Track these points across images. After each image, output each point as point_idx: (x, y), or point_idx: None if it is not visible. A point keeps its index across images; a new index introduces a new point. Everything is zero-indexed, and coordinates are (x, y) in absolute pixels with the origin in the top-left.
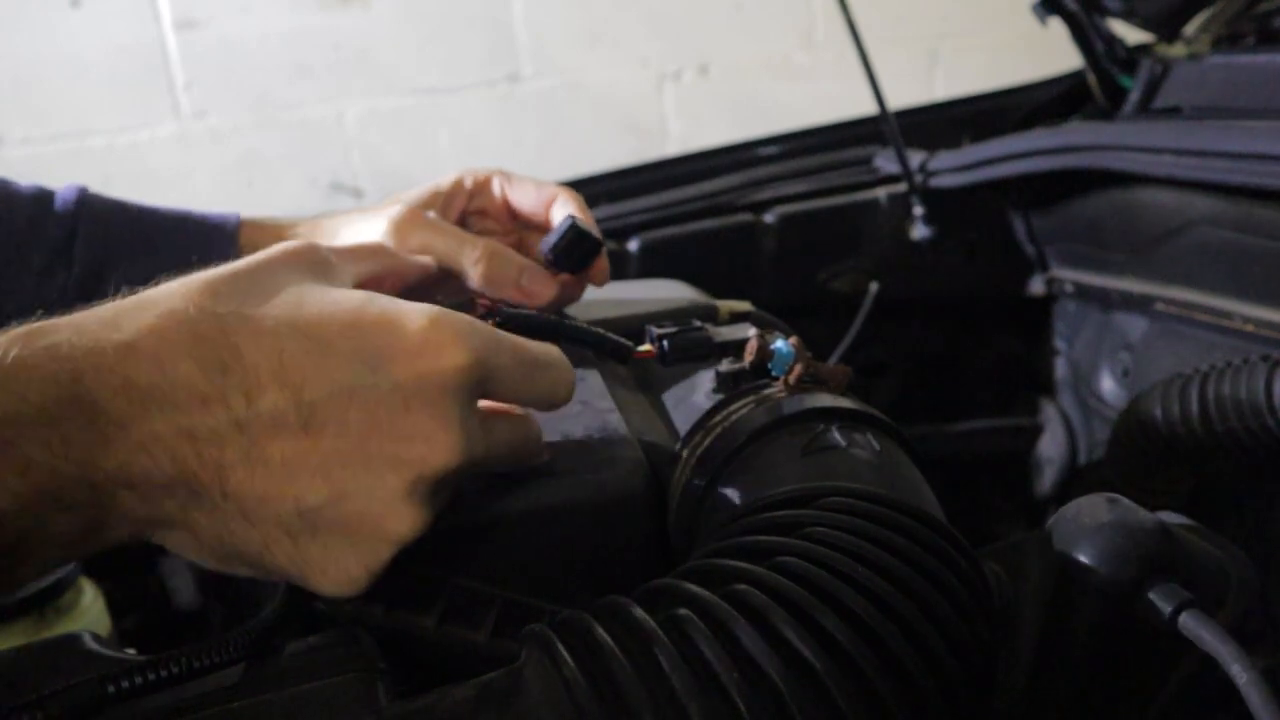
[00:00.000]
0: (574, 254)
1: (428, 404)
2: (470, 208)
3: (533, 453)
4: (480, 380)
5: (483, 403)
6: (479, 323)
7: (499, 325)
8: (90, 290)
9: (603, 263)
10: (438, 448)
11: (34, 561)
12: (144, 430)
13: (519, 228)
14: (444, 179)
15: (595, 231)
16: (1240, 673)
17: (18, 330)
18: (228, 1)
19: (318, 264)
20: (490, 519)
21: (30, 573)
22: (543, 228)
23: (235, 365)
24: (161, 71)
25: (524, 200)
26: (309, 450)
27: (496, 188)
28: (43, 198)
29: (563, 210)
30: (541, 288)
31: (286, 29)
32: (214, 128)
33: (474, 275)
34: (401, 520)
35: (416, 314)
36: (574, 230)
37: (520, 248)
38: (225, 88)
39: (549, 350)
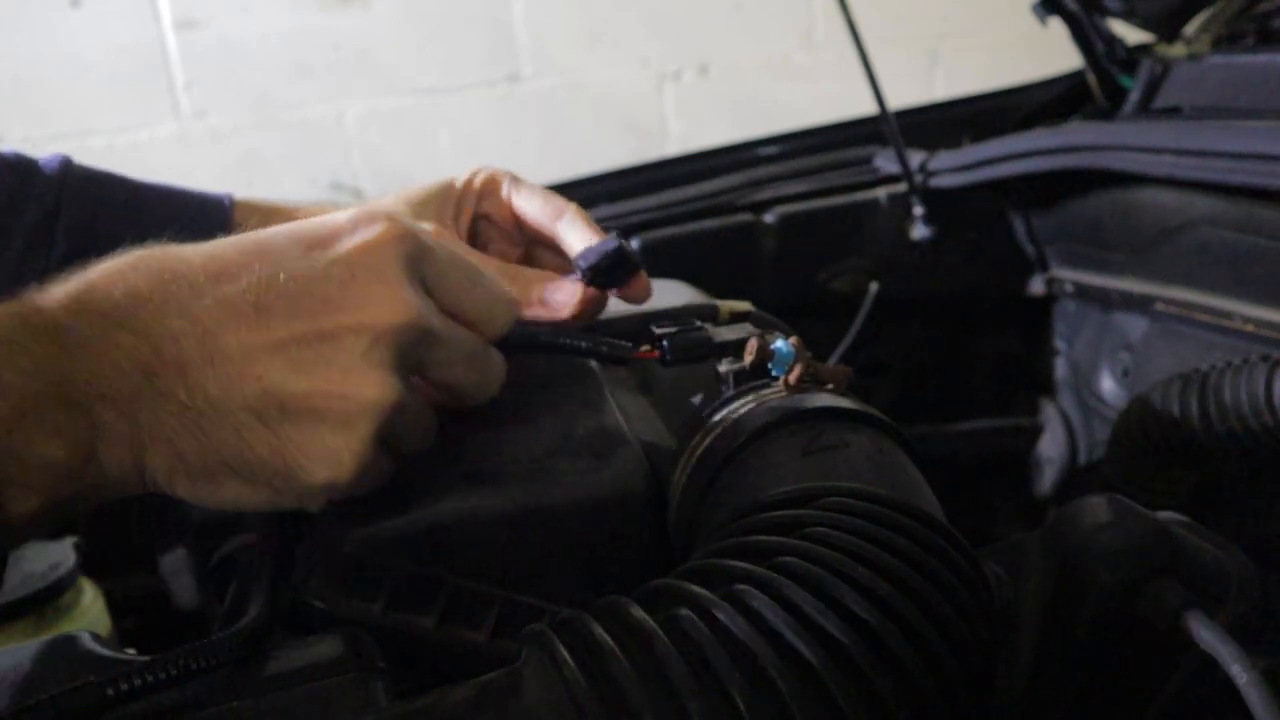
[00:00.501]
0: (613, 274)
1: (370, 270)
2: (479, 210)
3: (487, 372)
4: (416, 257)
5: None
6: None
7: (498, 345)
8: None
9: (643, 280)
10: (387, 307)
11: (35, 489)
12: (105, 341)
13: (525, 239)
14: (456, 178)
15: (636, 256)
16: (1240, 673)
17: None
18: (228, 1)
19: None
20: (490, 519)
21: (34, 503)
22: (546, 242)
23: (180, 269)
24: (161, 71)
25: (530, 210)
26: (263, 333)
27: (505, 192)
28: (22, 168)
29: (572, 229)
30: (566, 297)
31: (286, 29)
32: (214, 128)
33: None
34: (369, 385)
35: (347, 211)
36: (620, 253)
37: (527, 260)
38: (225, 88)
39: (488, 271)
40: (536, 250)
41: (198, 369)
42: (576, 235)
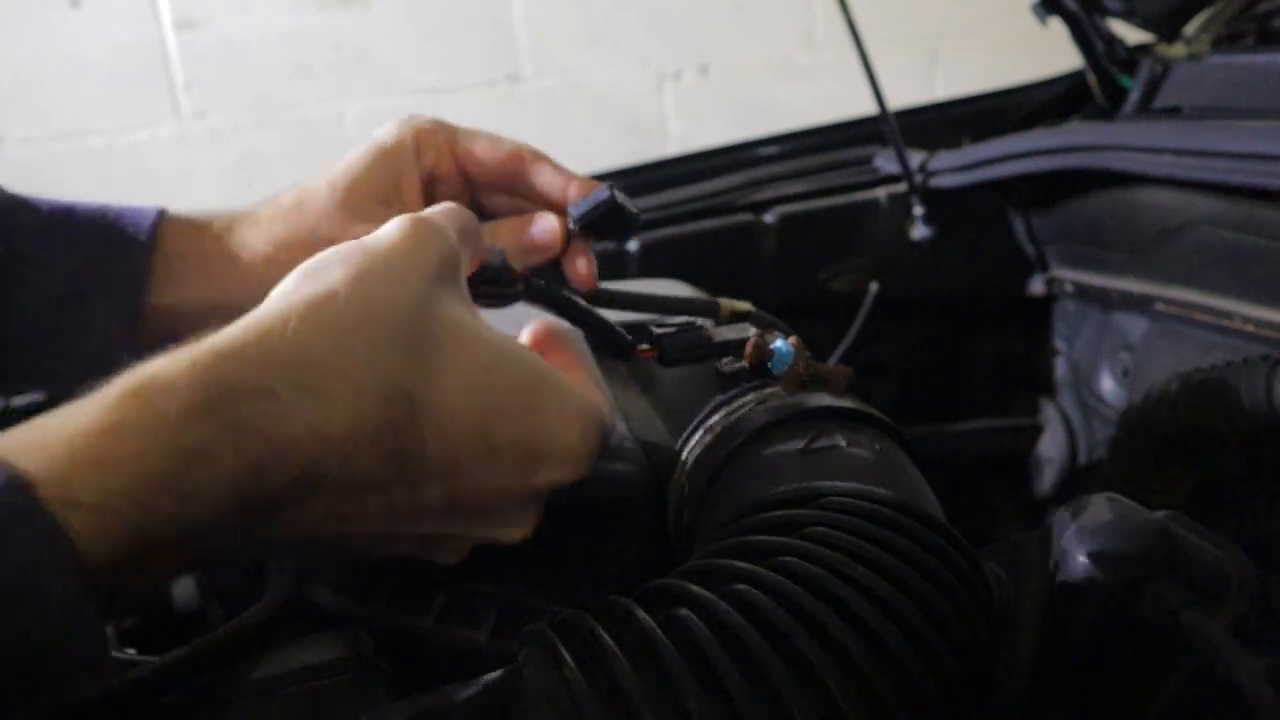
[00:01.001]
0: (605, 227)
1: (539, 496)
2: (421, 172)
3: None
4: None
5: None
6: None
7: (523, 296)
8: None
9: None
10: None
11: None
12: (304, 509)
13: (470, 188)
14: (383, 142)
15: (631, 205)
16: (1240, 672)
17: (198, 393)
18: (228, 1)
19: (448, 261)
20: None
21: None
22: (497, 187)
23: (413, 458)
24: (161, 71)
25: (483, 157)
26: (442, 517)
27: (444, 144)
28: None
29: (540, 174)
30: (548, 234)
31: (286, 29)
32: (214, 128)
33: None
34: (524, 525)
35: (577, 421)
36: (612, 202)
37: (475, 210)
38: (225, 88)
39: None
40: (485, 196)
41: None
42: (547, 176)
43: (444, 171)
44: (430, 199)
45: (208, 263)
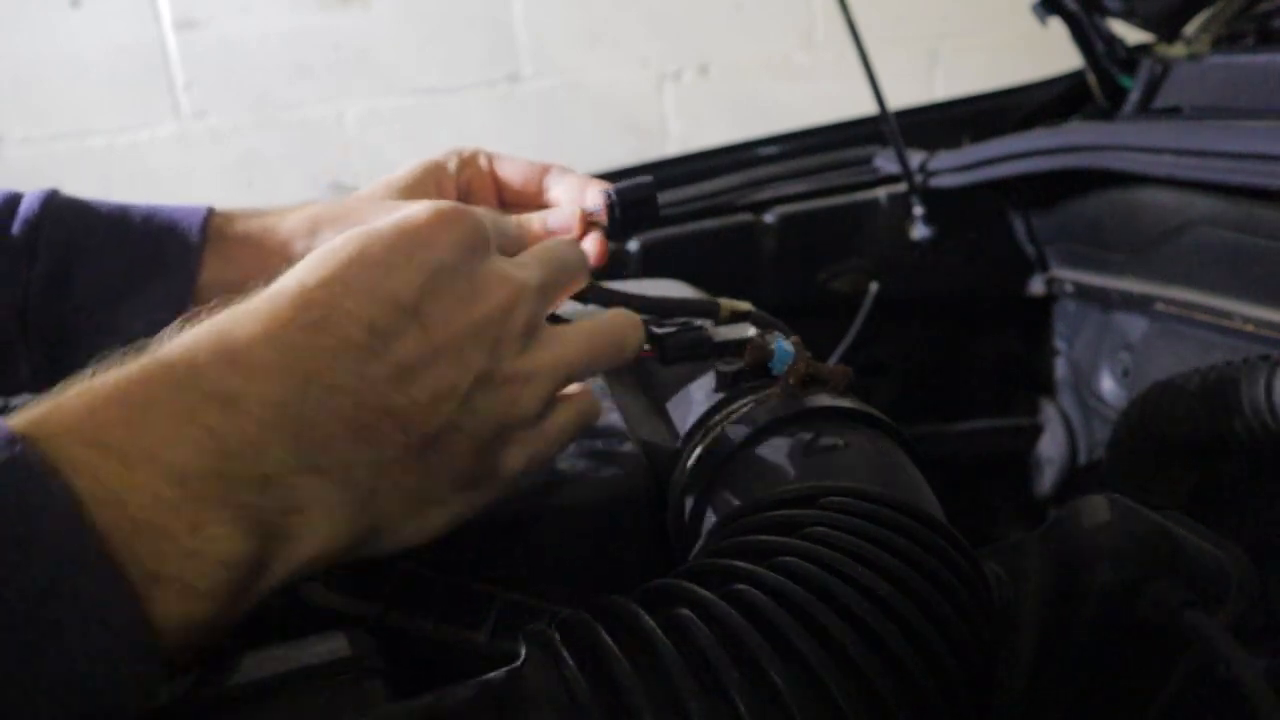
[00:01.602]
0: (637, 212)
1: (482, 258)
2: (459, 185)
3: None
4: (495, 233)
5: None
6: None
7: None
8: (58, 289)
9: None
10: (510, 287)
11: (222, 597)
12: (296, 400)
13: (504, 206)
14: (438, 159)
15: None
16: (1240, 672)
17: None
18: (228, 1)
19: (472, 237)
20: (490, 519)
21: (224, 613)
22: (534, 204)
23: (334, 312)
24: (161, 71)
25: (514, 174)
26: (435, 343)
27: (484, 164)
28: (12, 199)
29: (559, 182)
30: (566, 219)
31: (286, 29)
32: (214, 128)
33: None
34: (538, 362)
35: (412, 210)
36: (652, 189)
37: None
38: (225, 88)
39: (545, 246)
40: (516, 213)
41: (401, 405)
42: (565, 186)
43: (479, 186)
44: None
45: (248, 239)
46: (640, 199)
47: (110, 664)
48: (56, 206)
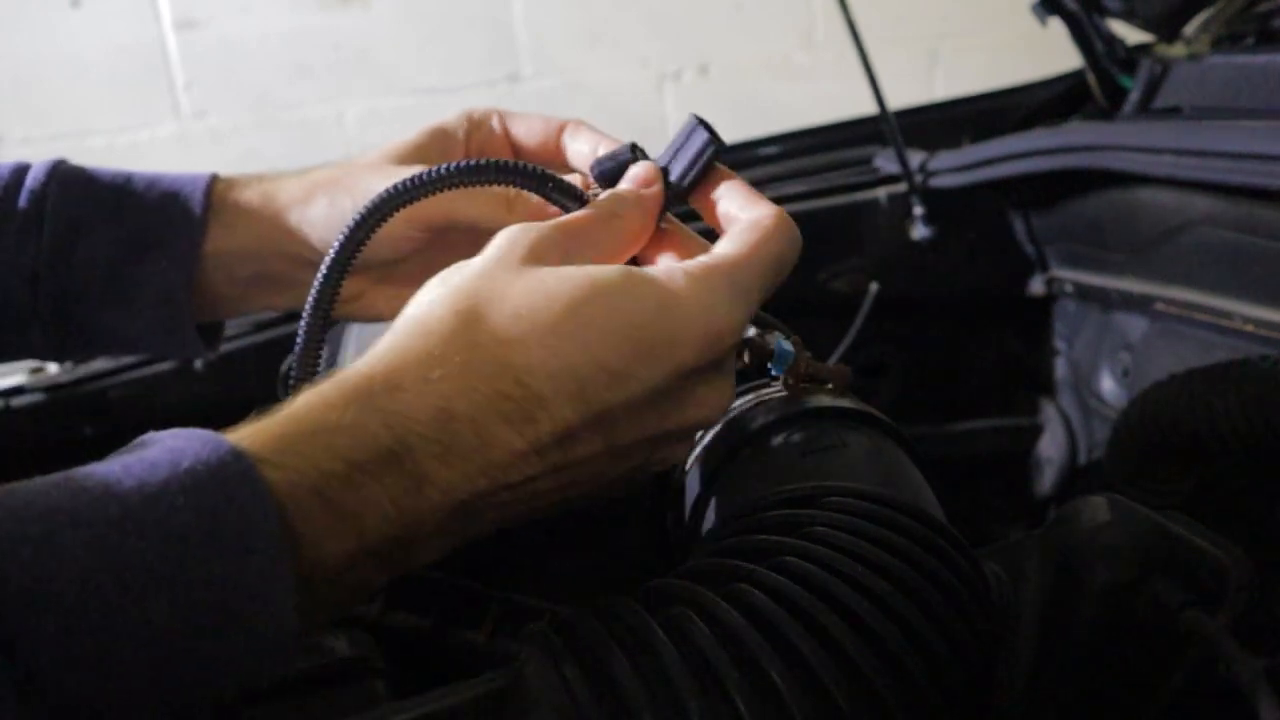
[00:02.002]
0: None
1: (708, 379)
2: (470, 147)
3: None
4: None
5: None
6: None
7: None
8: (65, 256)
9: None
10: (718, 407)
11: (337, 606)
12: (462, 484)
13: None
14: (445, 123)
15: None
16: (1241, 672)
17: (346, 384)
18: (228, 1)
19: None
20: None
21: (339, 610)
22: (552, 163)
23: (542, 415)
24: (161, 71)
25: (529, 136)
26: (608, 455)
27: (496, 125)
28: (20, 170)
29: (575, 137)
30: (587, 145)
31: (286, 29)
32: (214, 128)
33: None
34: (680, 452)
35: (685, 302)
36: (630, 158)
37: None
38: (225, 88)
39: (770, 252)
40: None
41: (546, 491)
42: (582, 140)
43: (492, 150)
44: None
45: (249, 208)
46: (619, 168)
47: (271, 653)
48: (61, 176)
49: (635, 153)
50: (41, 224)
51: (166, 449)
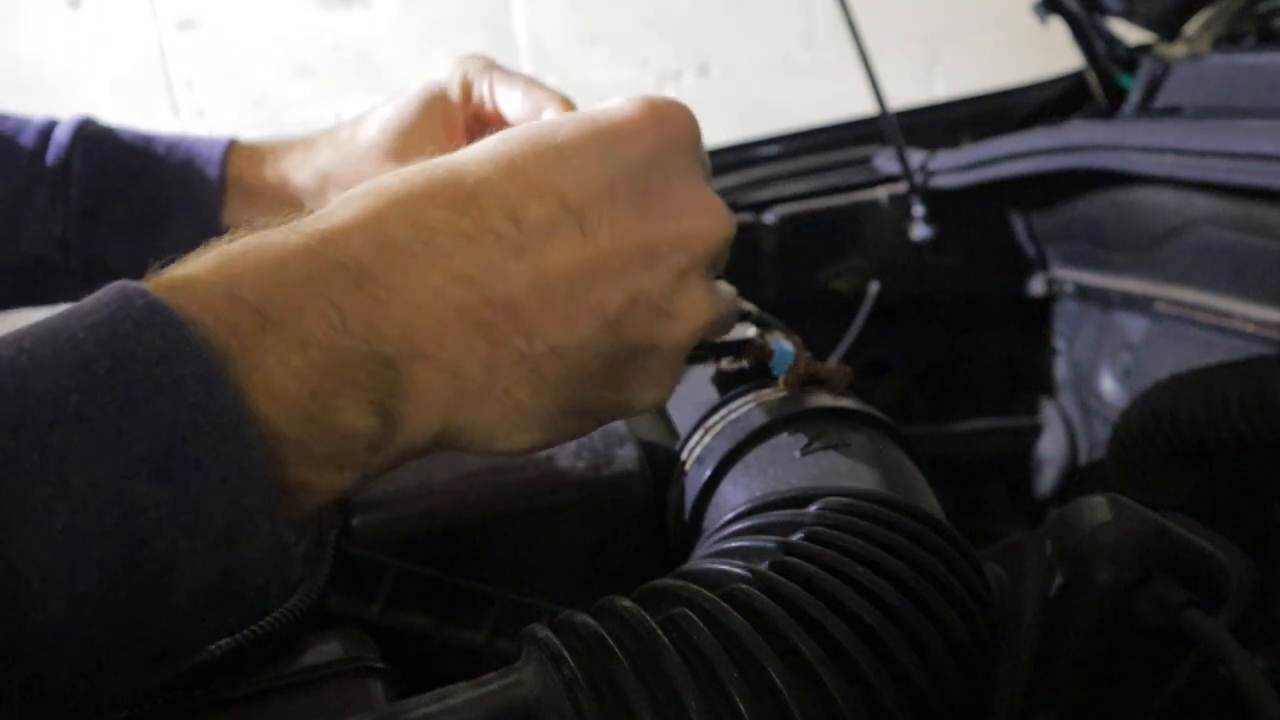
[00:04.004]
0: None
1: (683, 173)
2: (465, 115)
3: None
4: (700, 149)
5: None
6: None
7: None
8: (91, 219)
9: None
10: (708, 217)
11: (337, 465)
12: (418, 285)
13: None
14: (434, 78)
15: None
16: (1240, 672)
17: (254, 226)
18: (228, 1)
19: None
20: (490, 519)
21: (337, 482)
22: None
23: (484, 195)
24: (161, 71)
25: (512, 112)
26: (593, 254)
27: (485, 92)
28: (48, 128)
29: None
30: None
31: (286, 29)
32: (214, 127)
33: None
34: (701, 307)
35: (620, 102)
36: None
37: None
38: (225, 88)
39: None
40: None
41: (534, 311)
42: None
43: (488, 114)
44: (474, 139)
45: (266, 187)
46: None
47: (245, 513)
48: (87, 136)
49: None
50: (69, 188)
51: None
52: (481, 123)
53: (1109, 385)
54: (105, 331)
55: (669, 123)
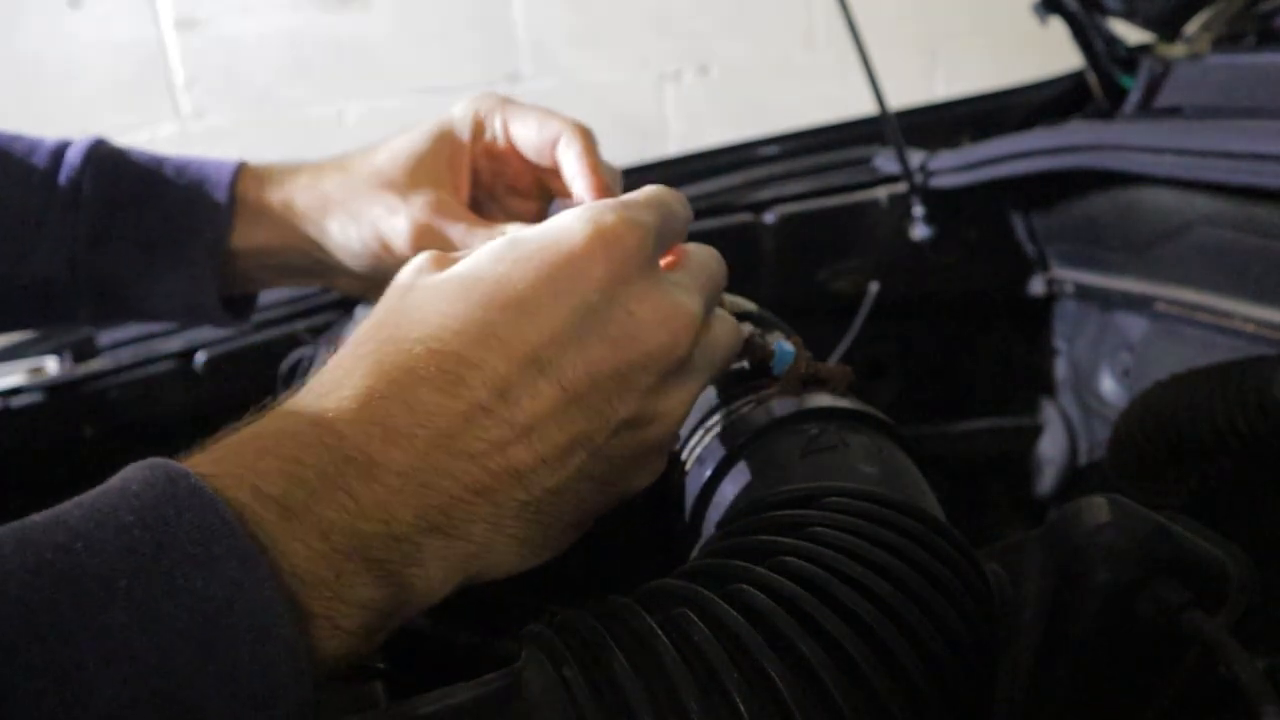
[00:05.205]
0: None
1: (640, 293)
2: (474, 152)
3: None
4: (657, 240)
5: None
6: (620, 201)
7: None
8: (101, 241)
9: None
10: (671, 325)
11: (350, 631)
12: (423, 467)
13: (532, 167)
14: (449, 122)
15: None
16: (1240, 672)
17: (264, 412)
18: (228, 1)
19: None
20: None
21: (348, 646)
22: (547, 169)
23: (468, 374)
24: (161, 71)
25: (526, 143)
26: (572, 397)
27: (499, 128)
28: (60, 149)
29: (566, 156)
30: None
31: (286, 29)
32: (214, 127)
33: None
34: (680, 405)
35: (567, 227)
36: None
37: (539, 188)
38: (225, 87)
39: (652, 190)
40: (547, 176)
41: (527, 465)
42: (569, 164)
43: (500, 150)
44: (480, 178)
45: (272, 210)
46: None
47: (275, 675)
48: (99, 158)
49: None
50: (79, 209)
51: (113, 481)
52: (494, 159)
53: (1109, 385)
54: (151, 516)
55: (617, 245)
